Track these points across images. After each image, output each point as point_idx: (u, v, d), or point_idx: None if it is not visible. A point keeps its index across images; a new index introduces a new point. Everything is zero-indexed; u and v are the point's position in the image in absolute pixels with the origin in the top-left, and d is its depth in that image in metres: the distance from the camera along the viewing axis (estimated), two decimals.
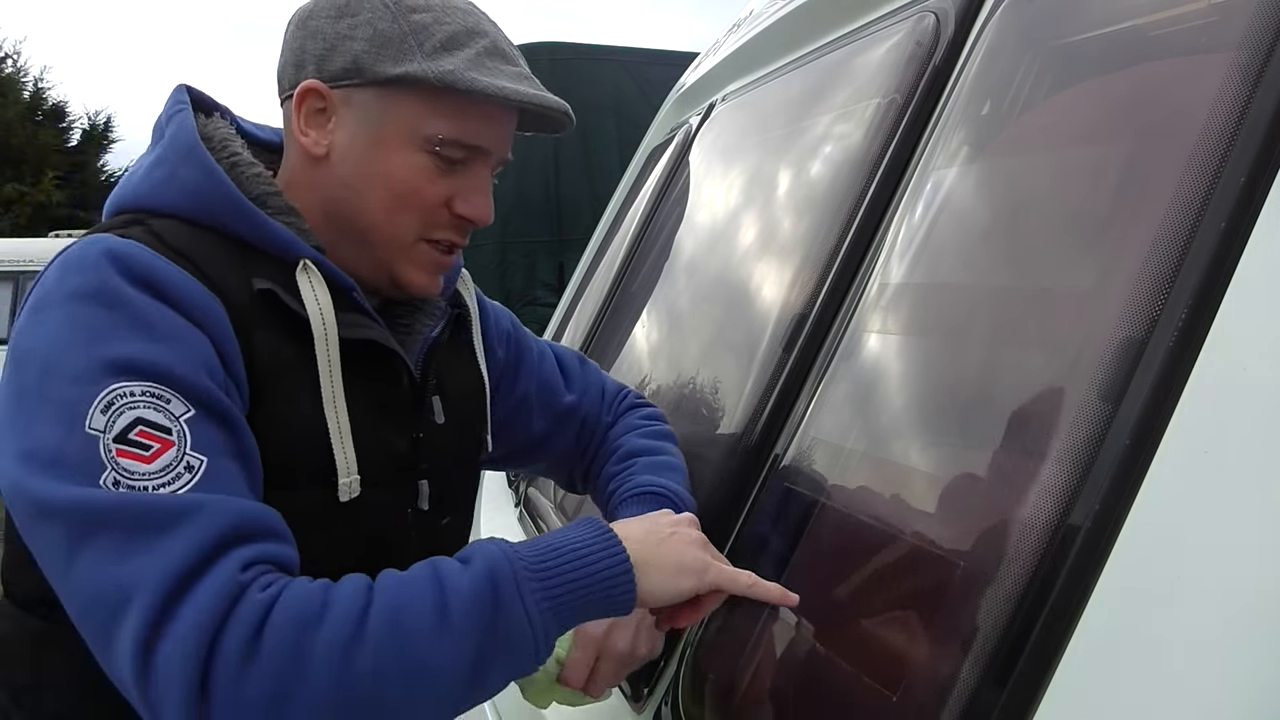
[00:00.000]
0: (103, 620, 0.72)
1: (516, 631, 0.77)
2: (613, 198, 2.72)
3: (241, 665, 0.70)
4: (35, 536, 0.77)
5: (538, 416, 1.25)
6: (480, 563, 0.78)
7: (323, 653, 0.72)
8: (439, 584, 0.77)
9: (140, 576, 0.71)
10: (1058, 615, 0.63)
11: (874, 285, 1.06)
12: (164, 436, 0.77)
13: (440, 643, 0.74)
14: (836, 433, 1.03)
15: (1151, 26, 0.83)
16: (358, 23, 0.92)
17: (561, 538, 0.83)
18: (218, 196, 0.90)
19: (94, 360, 0.77)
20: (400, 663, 0.73)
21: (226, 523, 0.75)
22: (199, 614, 0.70)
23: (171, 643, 0.70)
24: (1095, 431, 0.66)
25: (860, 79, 1.36)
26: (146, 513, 0.74)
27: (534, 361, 1.26)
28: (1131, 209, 0.75)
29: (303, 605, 0.73)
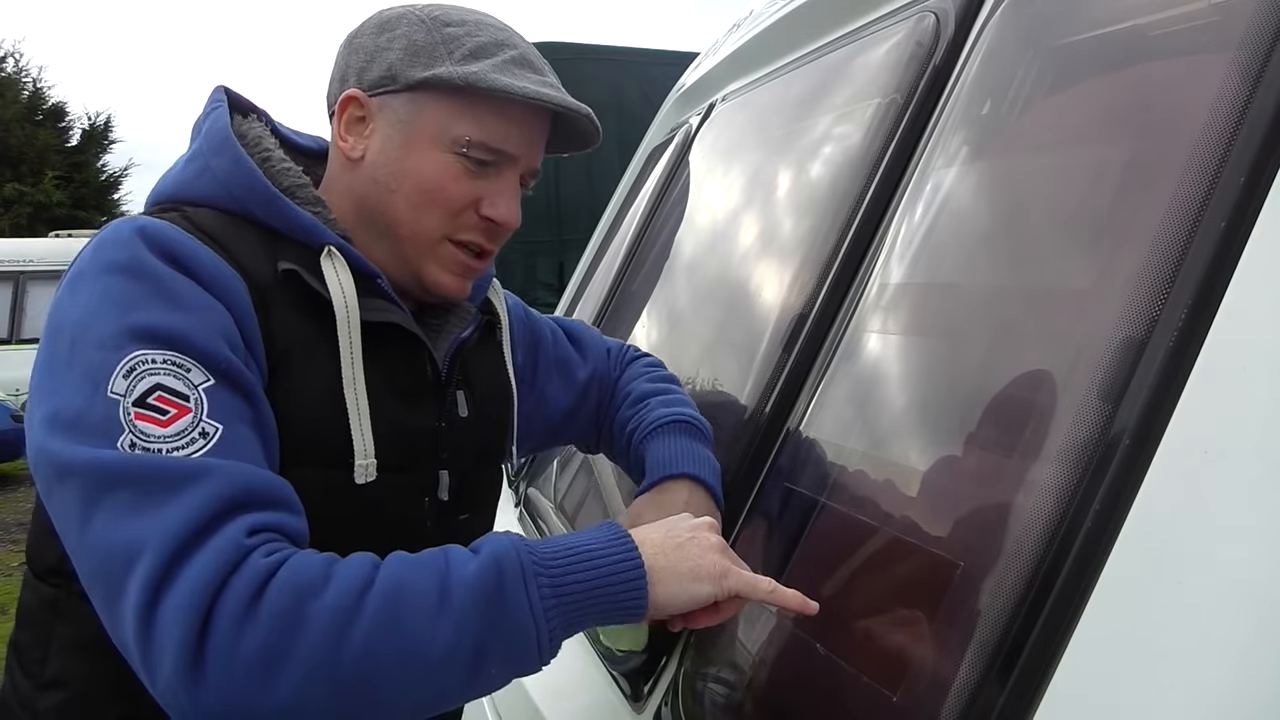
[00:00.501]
0: (111, 577, 0.74)
1: (518, 624, 0.77)
2: (613, 198, 2.72)
3: (239, 624, 0.71)
4: (54, 498, 0.79)
5: (561, 396, 1.29)
6: (488, 551, 0.79)
7: (319, 622, 0.72)
8: (445, 567, 0.77)
9: (148, 534, 0.73)
10: (1058, 615, 0.63)
11: (874, 285, 1.06)
12: (181, 403, 0.79)
13: (437, 626, 0.74)
14: (836, 432, 1.03)
15: (1151, 26, 0.83)
16: (395, 35, 0.98)
17: (578, 539, 0.83)
18: (245, 184, 0.94)
19: (119, 327, 0.80)
20: (395, 641, 0.73)
21: (235, 487, 0.77)
22: (203, 570, 0.72)
23: (173, 598, 0.71)
24: (1095, 431, 0.66)
25: (860, 79, 1.36)
26: (158, 473, 0.75)
27: (550, 349, 1.29)
28: (1132, 209, 0.75)
29: (306, 574, 0.74)
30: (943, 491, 0.82)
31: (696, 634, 1.09)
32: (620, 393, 1.29)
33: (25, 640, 0.95)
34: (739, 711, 0.95)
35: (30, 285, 10.62)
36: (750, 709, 0.94)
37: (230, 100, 1.03)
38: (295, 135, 1.10)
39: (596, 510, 1.67)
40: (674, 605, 0.85)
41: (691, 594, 0.85)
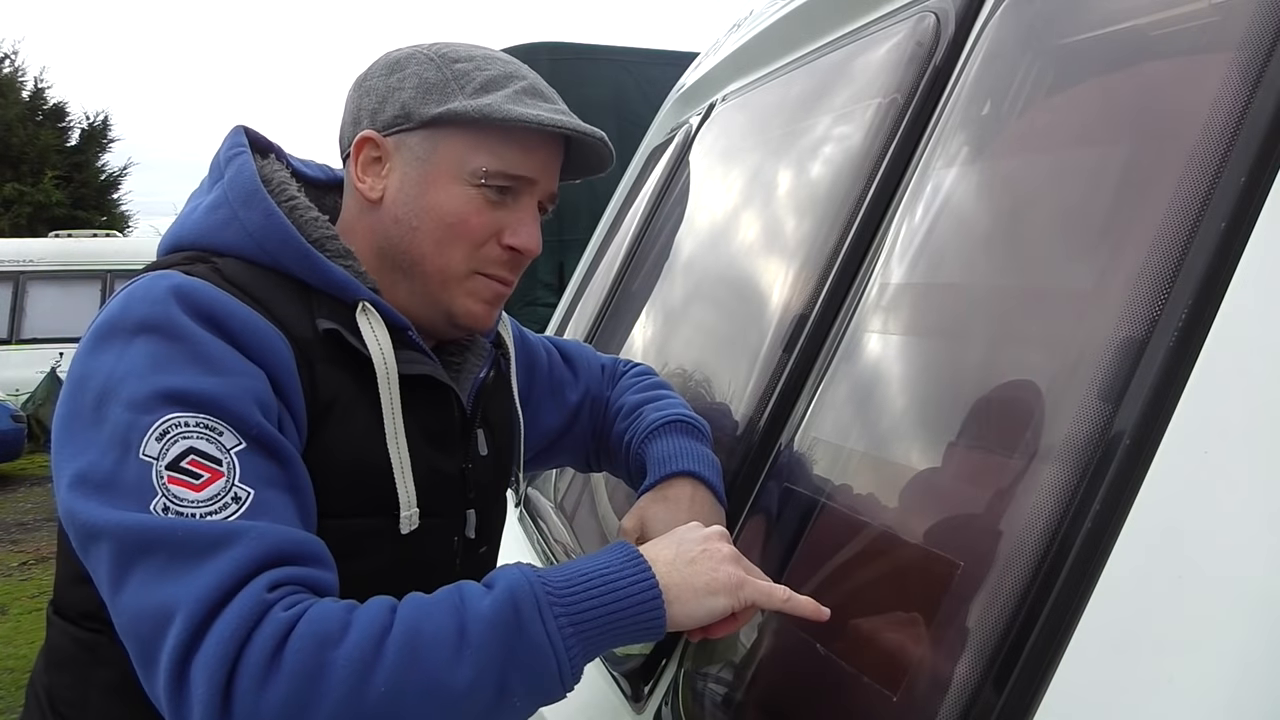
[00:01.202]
0: (146, 639, 0.75)
1: (538, 656, 0.77)
2: (613, 198, 2.72)
3: (262, 679, 0.72)
4: (88, 556, 0.80)
5: (553, 419, 1.30)
6: (503, 585, 0.79)
7: (341, 670, 0.73)
8: (460, 606, 0.78)
9: (180, 598, 0.74)
10: (1058, 615, 0.63)
11: (874, 285, 1.06)
12: (214, 467, 0.79)
13: (457, 665, 0.75)
14: (837, 433, 1.03)
15: (1151, 26, 0.83)
16: (406, 75, 0.99)
17: (590, 564, 0.84)
18: (278, 239, 0.94)
19: (151, 389, 0.80)
20: (417, 684, 0.74)
21: (265, 548, 0.77)
22: (226, 627, 0.73)
23: (200, 658, 0.73)
24: (1095, 431, 0.66)
25: (861, 79, 1.36)
26: (191, 538, 0.76)
27: (545, 372, 1.30)
28: (1132, 209, 0.75)
29: (324, 624, 0.75)
30: (943, 492, 0.82)
31: None
32: (613, 408, 1.30)
33: (60, 683, 0.94)
34: (739, 711, 0.95)
35: (30, 285, 10.61)
36: (750, 709, 0.94)
37: (249, 140, 1.02)
38: (305, 167, 1.09)
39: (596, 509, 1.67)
40: (692, 621, 0.85)
41: (708, 608, 0.85)
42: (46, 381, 9.98)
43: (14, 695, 4.47)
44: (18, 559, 6.67)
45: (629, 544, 0.87)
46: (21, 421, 9.07)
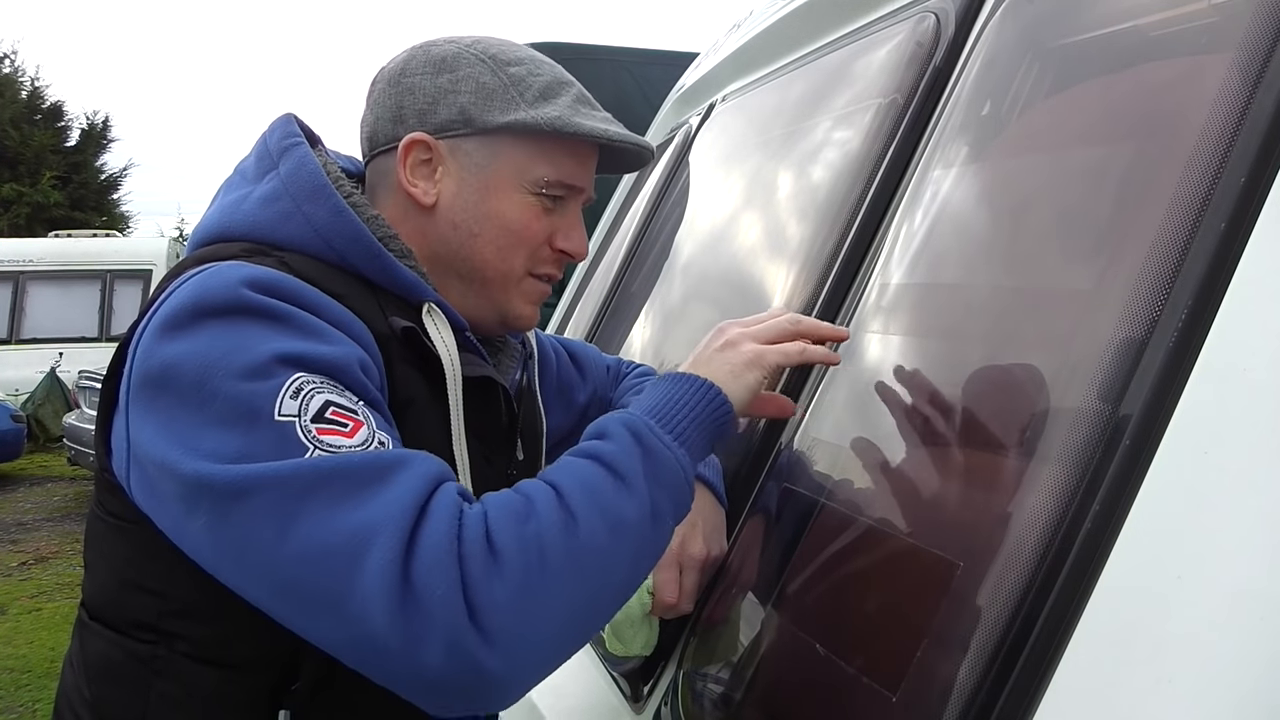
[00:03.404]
0: (335, 572, 0.73)
1: (671, 472, 0.85)
2: (613, 198, 2.72)
3: (485, 566, 0.74)
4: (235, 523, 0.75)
5: (561, 419, 1.30)
6: (616, 426, 0.85)
7: (548, 537, 0.76)
8: (597, 456, 0.83)
9: (378, 517, 0.73)
10: (1058, 615, 0.63)
11: (874, 285, 1.06)
12: (355, 416, 0.79)
13: (626, 498, 0.81)
14: (836, 433, 1.03)
15: (1151, 27, 0.83)
16: (459, 77, 0.97)
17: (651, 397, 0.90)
18: (348, 237, 0.93)
19: (265, 355, 0.78)
20: (606, 524, 0.79)
21: (435, 466, 0.79)
22: (438, 527, 0.74)
23: (425, 560, 0.73)
24: (1095, 431, 0.66)
25: (861, 79, 1.36)
26: (365, 466, 0.76)
27: (553, 372, 1.30)
28: (1132, 209, 0.75)
29: (512, 506, 0.78)
30: (943, 492, 0.82)
31: (696, 634, 1.09)
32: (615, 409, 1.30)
33: (112, 698, 0.90)
34: (738, 711, 0.95)
35: (30, 285, 10.61)
36: (750, 709, 0.94)
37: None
38: (341, 160, 1.07)
39: None
40: (745, 400, 0.93)
41: (748, 384, 0.93)
42: (46, 381, 9.99)
43: (13, 695, 4.47)
44: (17, 559, 6.67)
45: (667, 375, 0.93)
46: (21, 421, 9.06)
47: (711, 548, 1.07)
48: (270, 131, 0.99)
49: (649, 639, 1.10)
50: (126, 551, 0.89)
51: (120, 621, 0.90)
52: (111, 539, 0.91)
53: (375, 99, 1.01)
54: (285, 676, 0.86)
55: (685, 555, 1.05)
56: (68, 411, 9.21)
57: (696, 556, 1.05)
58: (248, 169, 0.99)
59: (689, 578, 1.05)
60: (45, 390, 9.96)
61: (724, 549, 1.10)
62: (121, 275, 10.71)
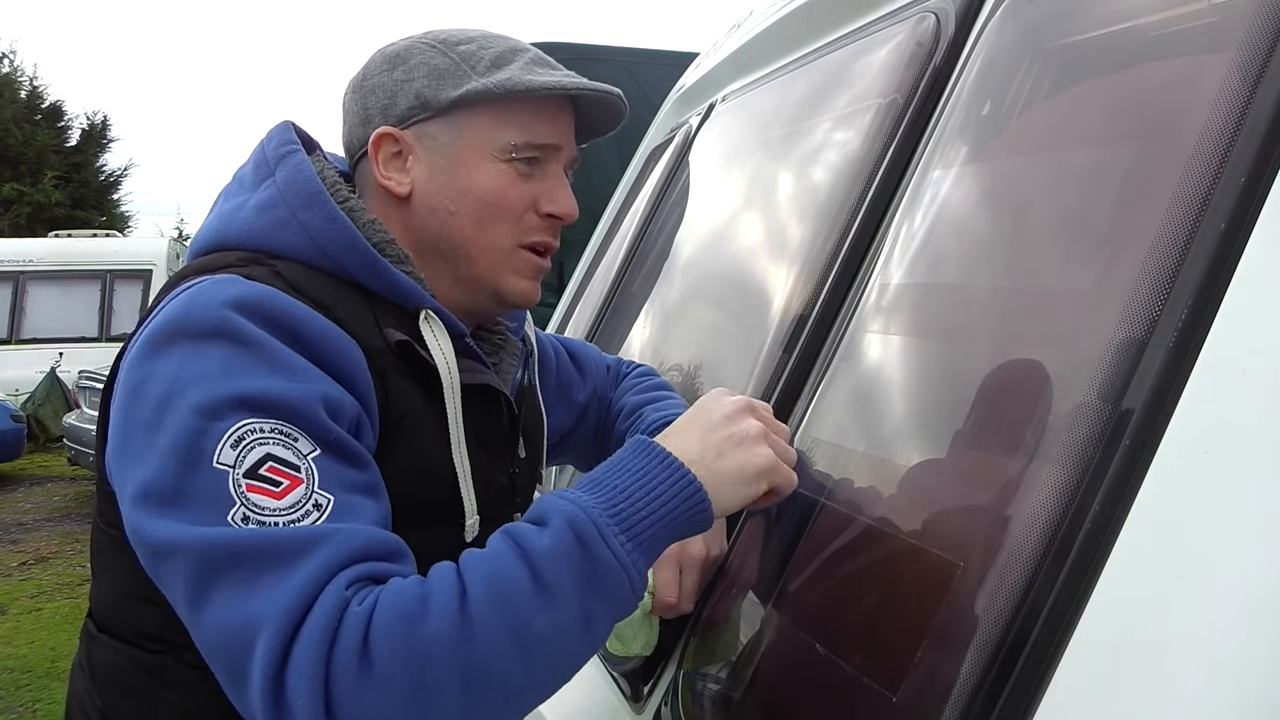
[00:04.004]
0: (234, 657, 0.73)
1: (612, 578, 0.77)
2: (613, 198, 2.72)
3: (358, 675, 0.70)
4: (159, 574, 0.77)
5: (561, 418, 1.30)
6: (559, 521, 0.77)
7: (436, 649, 0.71)
8: (524, 552, 0.76)
9: (266, 611, 0.71)
10: (1058, 615, 0.63)
11: (874, 286, 1.06)
12: (293, 474, 0.77)
13: (543, 607, 0.74)
14: (836, 434, 1.03)
15: (1151, 27, 0.83)
16: (412, 66, 0.98)
17: (624, 478, 0.81)
18: (343, 244, 0.92)
19: (222, 394, 0.77)
20: (513, 636, 0.73)
21: (350, 549, 0.75)
22: (312, 634, 0.70)
23: (294, 667, 0.70)
24: (1095, 431, 0.66)
25: (861, 80, 1.36)
26: (276, 546, 0.73)
27: (553, 371, 1.30)
28: (1132, 209, 0.75)
29: (402, 604, 0.73)
30: (943, 492, 0.82)
31: (696, 634, 1.09)
32: (615, 409, 1.31)
33: (122, 706, 0.91)
34: (738, 711, 0.95)
35: (30, 285, 10.61)
36: (750, 709, 0.94)
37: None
38: (339, 164, 1.07)
39: None
40: (732, 509, 0.86)
41: (745, 496, 0.86)
42: (46, 381, 9.99)
43: (13, 695, 4.47)
44: (17, 559, 6.67)
45: (653, 445, 0.84)
46: (21, 421, 9.06)
47: (711, 547, 1.07)
48: (268, 139, 0.99)
49: (649, 639, 1.10)
50: (128, 563, 0.89)
51: (127, 632, 0.90)
52: (112, 550, 0.91)
53: (345, 109, 1.02)
54: None
55: (685, 555, 1.05)
56: (68, 411, 9.21)
57: (696, 556, 1.05)
58: (245, 176, 0.99)
59: (689, 577, 1.05)
60: (45, 390, 9.96)
61: (724, 549, 1.10)
62: (121, 275, 10.71)
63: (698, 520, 0.82)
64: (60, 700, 4.17)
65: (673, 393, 1.30)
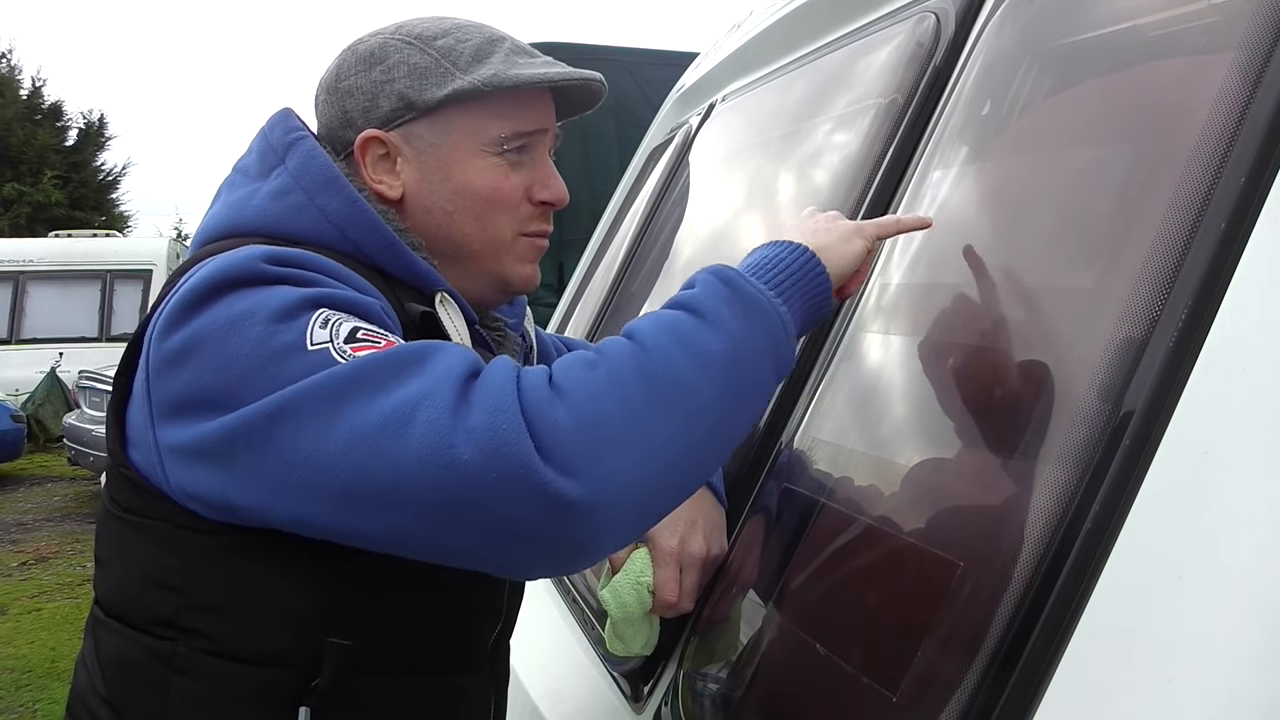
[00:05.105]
0: (385, 448, 0.71)
1: (763, 312, 0.82)
2: (613, 198, 2.72)
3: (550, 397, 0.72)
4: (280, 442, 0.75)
5: None
6: (702, 276, 0.83)
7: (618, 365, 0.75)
8: (677, 302, 0.81)
9: (420, 389, 0.72)
10: (1058, 615, 0.63)
11: (874, 286, 1.06)
12: (386, 336, 0.79)
13: (712, 332, 0.78)
14: (836, 433, 1.03)
15: (1151, 27, 0.83)
16: (391, 65, 0.97)
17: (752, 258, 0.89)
18: (364, 227, 0.93)
19: (291, 301, 0.78)
20: (686, 352, 0.76)
21: (466, 353, 0.78)
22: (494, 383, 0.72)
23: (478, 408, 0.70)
24: (1095, 431, 0.66)
25: (861, 79, 1.36)
26: (405, 353, 0.75)
27: None
28: (1132, 209, 0.75)
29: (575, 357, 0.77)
30: (943, 492, 0.82)
31: (696, 634, 1.09)
32: None
33: (131, 695, 0.89)
34: (739, 711, 0.95)
35: (30, 285, 10.62)
36: (750, 709, 0.94)
37: None
38: None
39: None
40: (843, 267, 0.92)
41: (854, 251, 0.93)
42: (46, 381, 9.99)
43: (13, 695, 4.47)
44: (17, 559, 6.67)
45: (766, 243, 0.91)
46: (21, 421, 9.07)
47: (712, 546, 1.07)
48: (270, 127, 0.98)
49: (649, 639, 1.10)
50: (145, 548, 0.89)
51: (138, 618, 0.89)
52: (127, 535, 0.90)
53: (320, 110, 1.01)
54: (306, 673, 0.86)
55: (685, 554, 1.05)
56: (68, 411, 9.21)
57: (697, 555, 1.05)
58: (249, 166, 0.98)
59: (689, 576, 1.05)
60: (45, 390, 9.97)
61: (724, 548, 1.10)
62: (121, 275, 10.72)
63: (822, 280, 0.89)
64: (60, 700, 4.17)
65: None
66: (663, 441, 0.74)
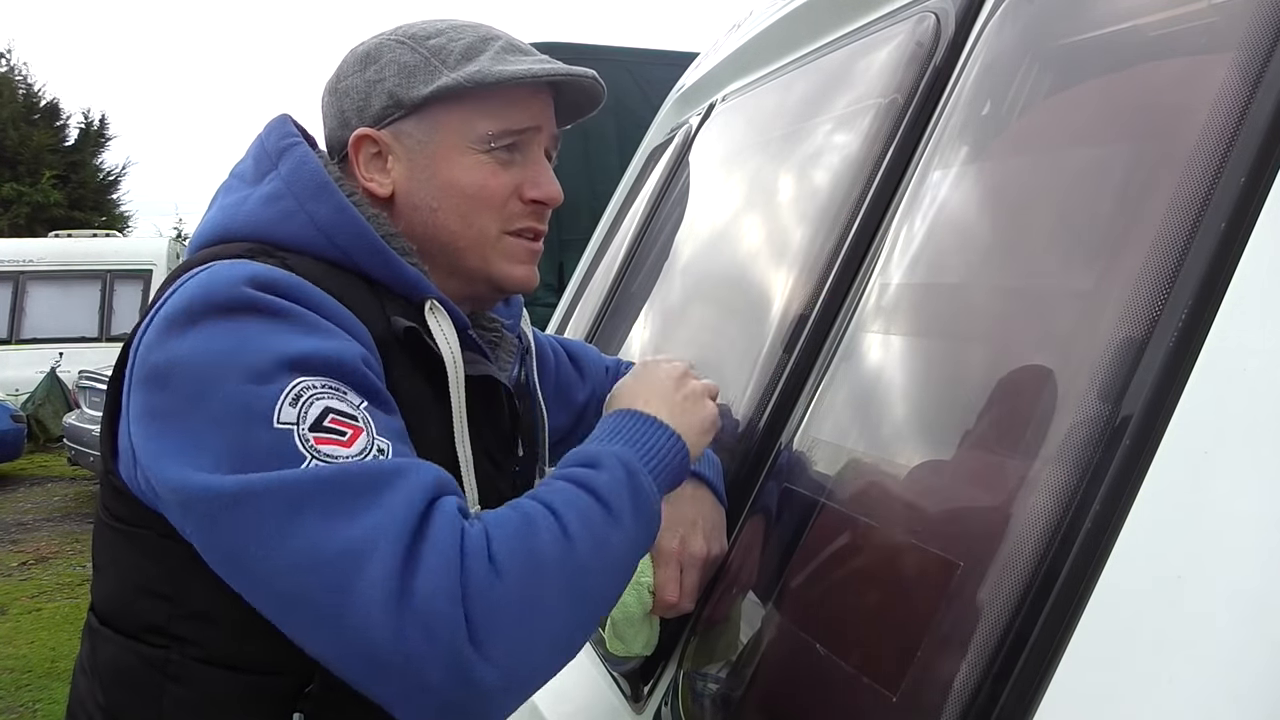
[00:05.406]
0: (334, 581, 0.73)
1: (651, 506, 0.89)
2: (613, 198, 2.72)
3: (489, 581, 0.75)
4: (221, 530, 0.76)
5: (560, 418, 1.29)
6: (612, 461, 0.88)
7: (549, 558, 0.78)
8: (589, 486, 0.85)
9: (376, 529, 0.73)
10: (1058, 615, 0.63)
11: (875, 286, 1.06)
12: (353, 423, 0.79)
13: (614, 527, 0.84)
14: (836, 433, 1.03)
15: (1151, 27, 0.83)
16: (383, 64, 0.98)
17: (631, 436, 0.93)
18: (352, 234, 0.93)
19: (267, 358, 0.78)
20: (597, 550, 0.81)
21: (432, 476, 0.79)
22: (443, 548, 0.74)
23: (425, 578, 0.72)
24: (1095, 431, 0.66)
25: (861, 79, 1.36)
26: (362, 476, 0.76)
27: (551, 371, 1.30)
28: (1132, 209, 0.75)
29: (510, 523, 0.79)
30: (943, 492, 0.82)
31: (696, 634, 1.09)
32: None
33: (127, 702, 0.90)
34: (738, 711, 0.95)
35: (30, 285, 10.62)
36: (750, 709, 0.94)
37: None
38: None
39: None
40: (696, 455, 0.99)
41: (703, 444, 1.00)
42: (46, 381, 9.99)
43: (13, 695, 4.47)
44: (17, 559, 6.67)
45: (639, 412, 0.96)
46: (21, 421, 9.07)
47: (712, 547, 1.07)
48: (267, 133, 0.99)
49: (650, 639, 1.10)
50: (134, 556, 0.89)
51: (131, 626, 0.90)
52: (119, 544, 0.90)
53: (323, 112, 1.02)
54: (299, 679, 0.86)
55: (686, 554, 1.05)
56: (68, 411, 9.21)
57: (697, 555, 1.05)
58: (245, 171, 0.99)
59: (690, 576, 1.05)
60: (45, 390, 9.97)
61: (724, 548, 1.10)
62: (121, 275, 10.72)
63: (684, 467, 0.96)
64: (60, 700, 4.18)
65: None
66: (569, 631, 0.80)
